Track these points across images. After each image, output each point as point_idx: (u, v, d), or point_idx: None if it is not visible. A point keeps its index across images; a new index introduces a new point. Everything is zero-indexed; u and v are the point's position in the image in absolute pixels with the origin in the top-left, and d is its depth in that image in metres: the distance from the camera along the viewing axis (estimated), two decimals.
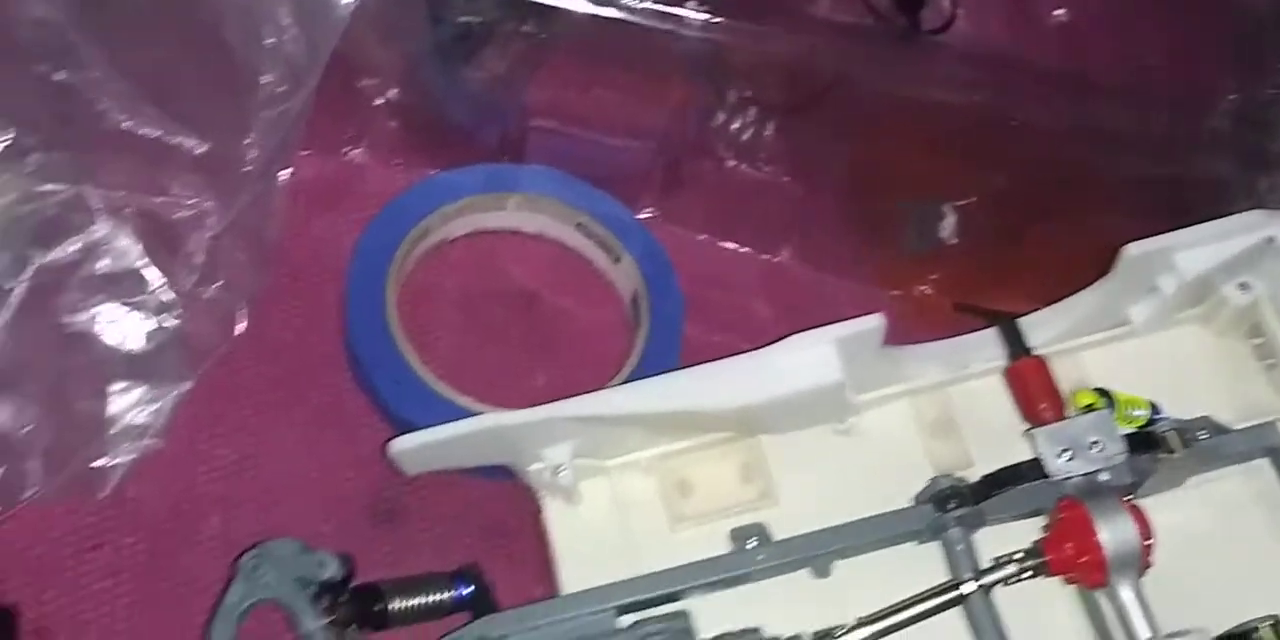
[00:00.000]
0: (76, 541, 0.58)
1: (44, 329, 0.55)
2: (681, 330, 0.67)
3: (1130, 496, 0.51)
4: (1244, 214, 0.55)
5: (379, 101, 0.69)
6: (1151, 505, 0.51)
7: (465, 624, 0.52)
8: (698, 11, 0.64)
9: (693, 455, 0.58)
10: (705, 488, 0.57)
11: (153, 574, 0.58)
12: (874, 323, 0.53)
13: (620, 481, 0.58)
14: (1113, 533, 0.49)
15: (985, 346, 0.58)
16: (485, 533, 0.62)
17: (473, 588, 0.55)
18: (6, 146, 0.53)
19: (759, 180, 0.72)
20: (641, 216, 0.70)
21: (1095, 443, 0.50)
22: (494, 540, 0.62)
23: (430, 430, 0.53)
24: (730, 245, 0.73)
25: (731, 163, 0.71)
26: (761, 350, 0.53)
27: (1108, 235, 0.59)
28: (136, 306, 0.57)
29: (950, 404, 0.58)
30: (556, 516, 0.57)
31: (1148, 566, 0.49)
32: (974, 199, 0.73)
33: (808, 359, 0.52)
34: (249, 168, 0.61)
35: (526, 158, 0.70)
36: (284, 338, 0.64)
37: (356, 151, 0.70)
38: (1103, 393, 0.53)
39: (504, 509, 0.62)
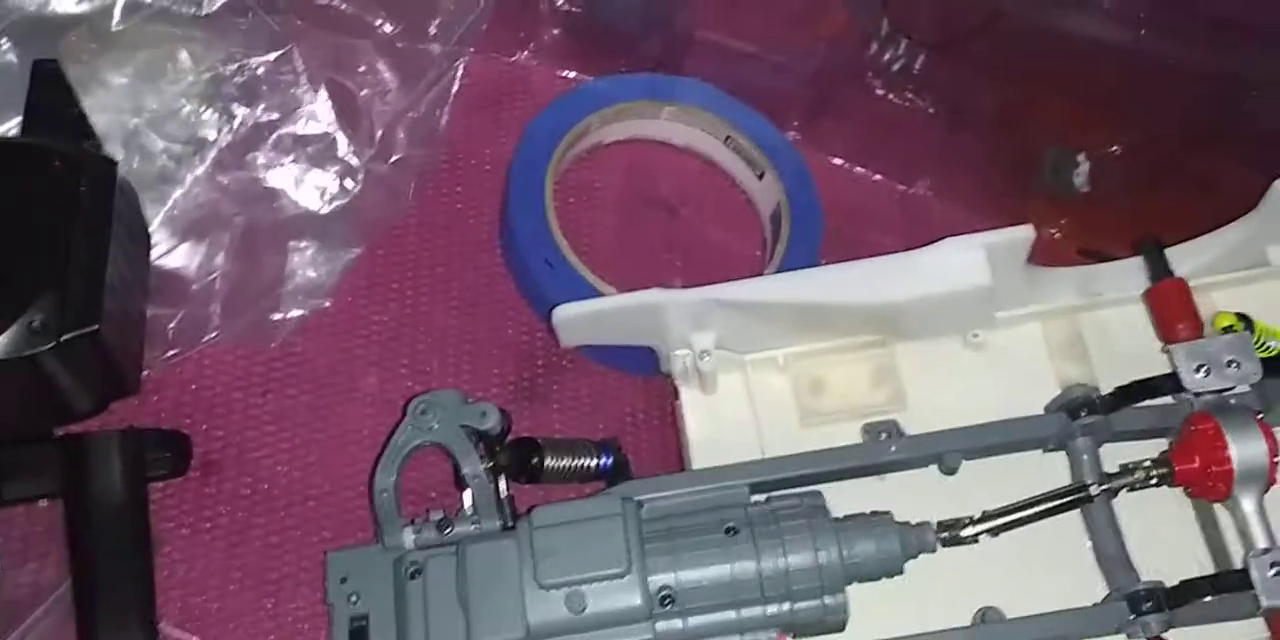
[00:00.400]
0: (246, 386, 0.62)
1: (239, 182, 0.59)
2: (819, 250, 0.69)
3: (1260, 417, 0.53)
4: None
5: (546, 7, 0.72)
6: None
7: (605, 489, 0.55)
8: None
9: (827, 357, 0.60)
10: (837, 388, 0.60)
11: (313, 424, 0.62)
12: (1025, 233, 0.55)
13: (756, 376, 0.60)
14: (1243, 446, 0.51)
15: (1120, 276, 0.60)
16: (617, 420, 0.65)
17: (613, 459, 0.58)
18: (223, 5, 0.56)
19: (904, 111, 0.74)
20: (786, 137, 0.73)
21: (1232, 361, 0.52)
22: (625, 427, 0.65)
23: (595, 300, 0.56)
24: (869, 173, 0.75)
25: (880, 92, 0.74)
26: (914, 251, 0.55)
27: (1241, 197, 0.61)
28: (323, 169, 0.61)
29: (1081, 329, 0.60)
30: (692, 404, 0.60)
31: (1272, 483, 0.51)
32: (1112, 150, 0.75)
33: (960, 261, 0.55)
34: (432, 55, 0.64)
35: (685, 70, 0.72)
36: (445, 219, 0.68)
37: (524, 55, 0.74)
38: (1243, 318, 0.55)
39: (637, 400, 0.66)
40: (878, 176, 0.75)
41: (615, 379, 0.66)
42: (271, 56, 0.59)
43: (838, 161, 0.76)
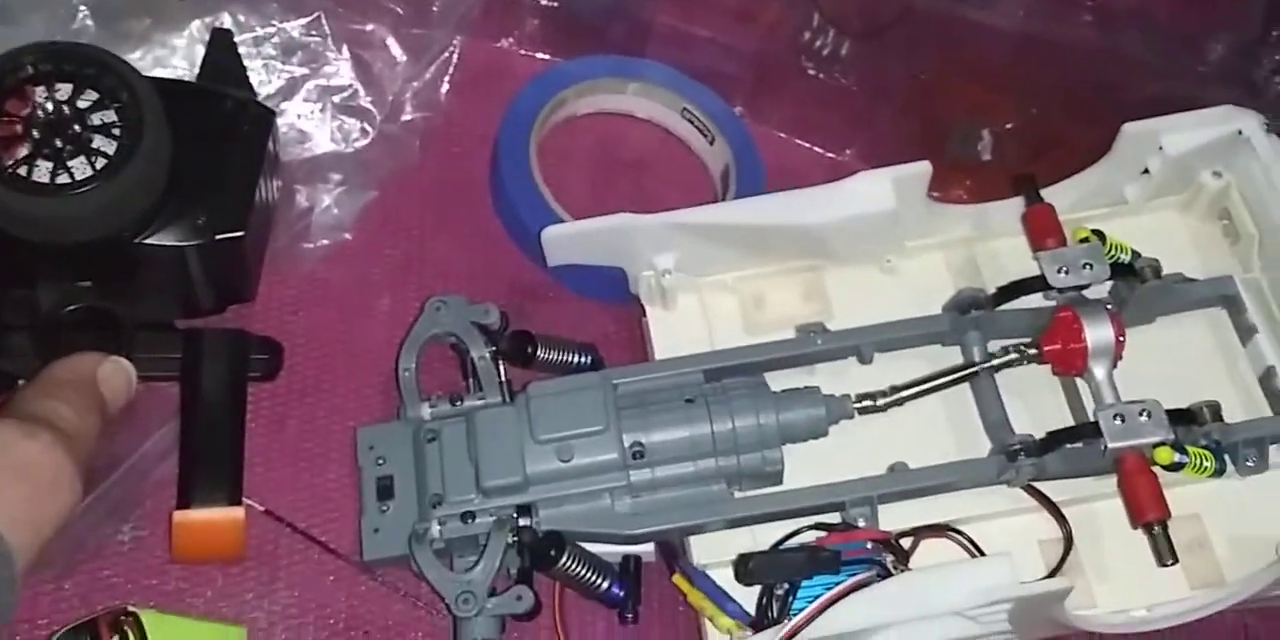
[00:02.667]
0: (279, 307, 0.73)
1: (279, 127, 0.70)
2: None
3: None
4: (1219, 108, 0.69)
5: (528, 1, 0.85)
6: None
7: None
8: None
9: (768, 279, 0.72)
10: (775, 304, 0.72)
11: (339, 337, 0.73)
12: (922, 167, 0.68)
13: (708, 296, 0.72)
14: (1094, 329, 0.63)
15: (1008, 212, 0.73)
16: (592, 339, 0.77)
17: (591, 358, 0.70)
18: None
19: (832, 90, 0.86)
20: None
21: (1086, 264, 0.65)
22: (599, 346, 0.77)
23: (577, 222, 0.68)
24: (803, 143, 0.88)
25: (811, 73, 0.86)
26: (833, 182, 0.68)
27: None
28: (347, 116, 0.73)
29: (975, 256, 0.72)
30: (656, 319, 0.72)
31: (1119, 358, 0.64)
32: (1010, 125, 0.88)
33: (870, 189, 0.67)
34: (433, 37, 0.77)
35: (646, 53, 0.85)
36: (444, 172, 0.79)
37: (507, 41, 0.86)
38: (1097, 233, 0.68)
39: (608, 323, 0.77)
40: (810, 146, 0.87)
41: (590, 305, 0.77)
42: (303, 21, 0.72)
43: (780, 134, 0.88)
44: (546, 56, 0.86)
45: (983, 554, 0.62)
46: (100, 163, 0.55)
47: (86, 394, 0.57)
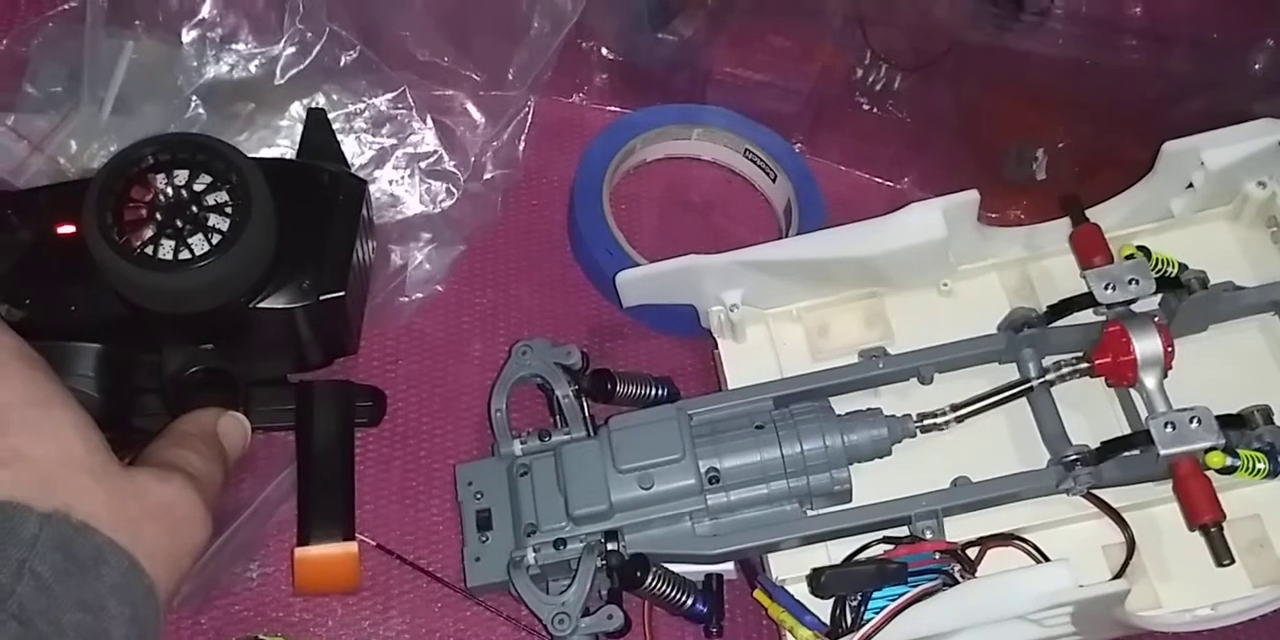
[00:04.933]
0: (381, 358, 0.79)
1: (373, 193, 0.77)
2: None
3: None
4: (1259, 121, 0.72)
5: (595, 58, 0.91)
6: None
7: None
8: None
9: (831, 308, 0.76)
10: (839, 331, 0.75)
11: (436, 383, 0.79)
12: (971, 196, 0.72)
13: (775, 327, 0.76)
14: (1142, 342, 0.66)
15: (1058, 233, 0.76)
16: (668, 372, 0.81)
17: (668, 390, 0.75)
18: (354, 61, 0.76)
19: (887, 122, 0.89)
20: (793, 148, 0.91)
21: (1132, 280, 0.68)
22: (676, 378, 0.82)
23: (648, 266, 0.74)
24: (862, 174, 0.92)
25: (866, 107, 0.90)
26: (887, 215, 0.72)
27: None
28: (434, 179, 0.79)
29: (1029, 276, 0.76)
30: (727, 351, 0.76)
31: (1169, 368, 0.67)
32: (1062, 144, 0.91)
33: (921, 220, 0.71)
34: (509, 98, 0.83)
35: (708, 100, 0.90)
36: (526, 225, 0.85)
37: (579, 96, 0.92)
38: (1142, 249, 0.70)
39: (684, 356, 0.82)
40: (868, 176, 0.91)
41: (666, 341, 0.82)
42: (390, 95, 0.79)
43: (839, 167, 0.92)
44: (615, 109, 0.92)
45: (1048, 560, 0.65)
46: (216, 239, 0.62)
47: (210, 444, 0.63)
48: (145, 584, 0.54)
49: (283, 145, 0.77)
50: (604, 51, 0.90)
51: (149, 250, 0.62)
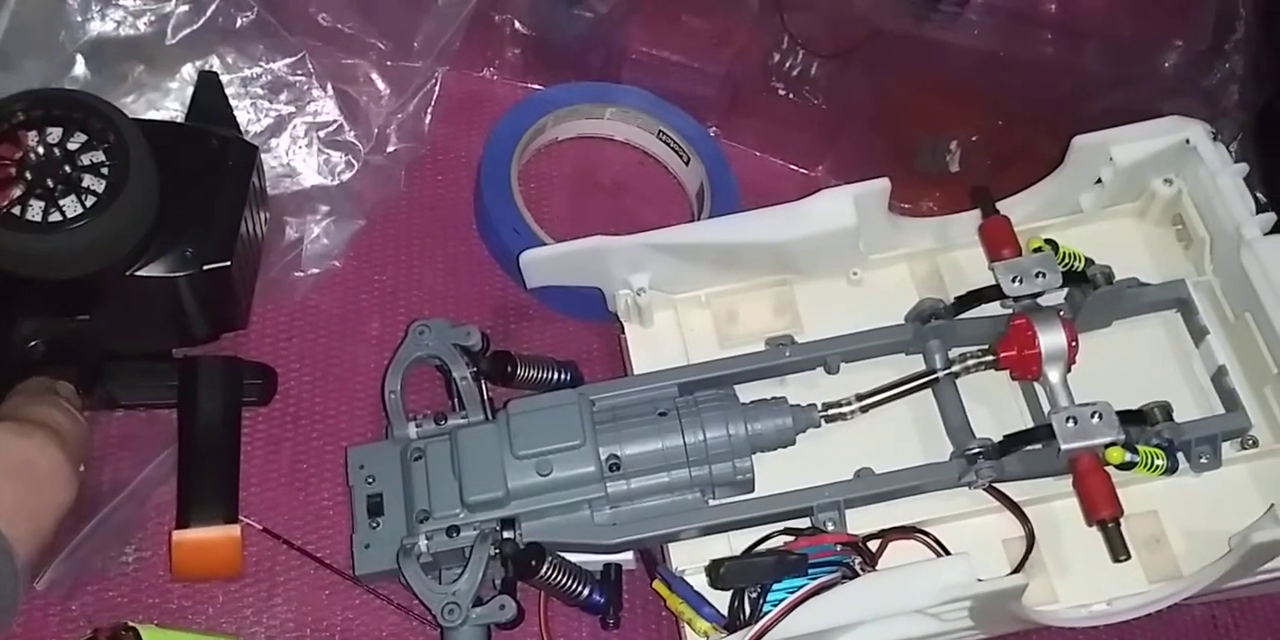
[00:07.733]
0: (273, 334, 0.76)
1: (266, 161, 0.74)
2: None
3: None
4: (1168, 119, 0.72)
5: (508, 32, 0.88)
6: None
7: None
8: None
9: (740, 294, 0.75)
10: (748, 318, 0.74)
11: (329, 360, 0.76)
12: (882, 184, 0.71)
13: (684, 311, 0.75)
14: (1047, 335, 0.66)
15: (966, 225, 0.75)
16: (573, 356, 0.80)
17: (571, 374, 0.73)
18: (250, 23, 0.72)
19: (802, 109, 0.89)
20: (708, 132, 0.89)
21: (1039, 273, 0.68)
22: (581, 362, 0.80)
23: (553, 246, 0.71)
24: (776, 160, 0.91)
25: (782, 93, 0.89)
26: (798, 200, 0.71)
27: None
28: (333, 149, 0.76)
29: (938, 267, 0.75)
30: (634, 336, 0.75)
31: (1073, 363, 0.67)
32: (975, 137, 0.91)
33: (831, 207, 0.70)
34: (417, 65, 0.80)
35: (623, 79, 0.88)
36: (429, 200, 0.83)
37: (489, 71, 0.89)
38: (1050, 242, 0.70)
39: (589, 340, 0.80)
40: (782, 162, 0.90)
41: (573, 324, 0.80)
42: (289, 61, 0.75)
43: (750, 151, 0.91)
44: (526, 85, 0.89)
45: (948, 553, 0.65)
46: (90, 200, 0.59)
47: (74, 401, 0.60)
48: (2, 546, 0.51)
49: (173, 108, 0.74)
50: (517, 25, 0.87)
51: (16, 211, 0.58)
